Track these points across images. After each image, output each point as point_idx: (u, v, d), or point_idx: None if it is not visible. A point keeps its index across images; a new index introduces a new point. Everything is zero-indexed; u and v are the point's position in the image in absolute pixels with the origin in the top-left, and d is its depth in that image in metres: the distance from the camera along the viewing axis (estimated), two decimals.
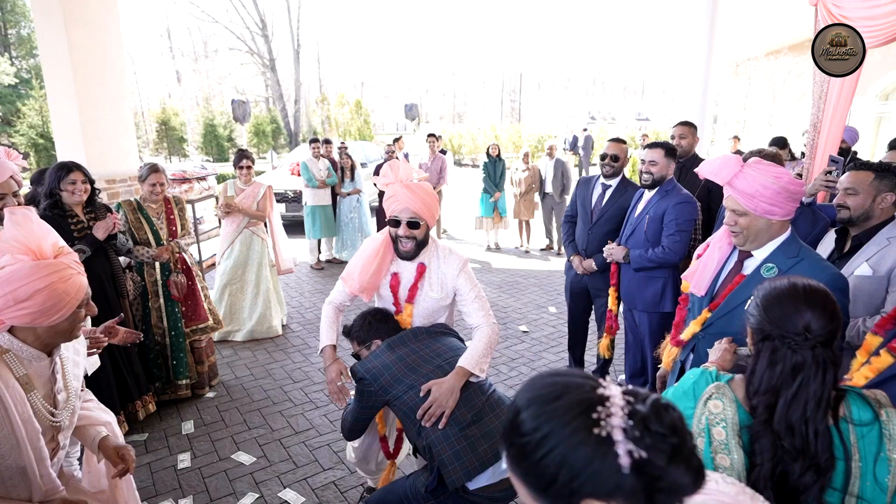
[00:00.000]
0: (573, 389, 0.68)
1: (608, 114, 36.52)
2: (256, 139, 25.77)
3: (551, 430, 0.65)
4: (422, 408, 1.81)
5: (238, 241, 4.65)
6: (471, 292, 2.15)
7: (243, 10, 30.23)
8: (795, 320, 1.13)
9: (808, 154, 3.32)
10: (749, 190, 1.72)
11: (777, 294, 1.18)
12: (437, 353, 1.99)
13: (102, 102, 5.34)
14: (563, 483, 0.64)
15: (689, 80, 6.88)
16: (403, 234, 2.06)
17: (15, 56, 22.53)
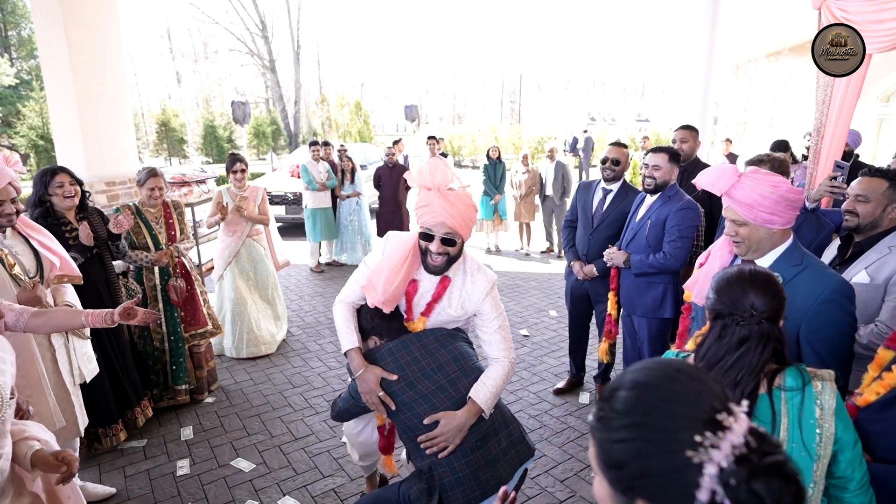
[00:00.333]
0: (692, 401, 0.62)
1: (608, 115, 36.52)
2: (256, 140, 25.76)
3: (643, 425, 0.62)
4: (426, 436, 1.75)
5: (244, 253, 4.39)
6: (495, 321, 1.97)
7: (243, 11, 30.23)
8: (743, 300, 1.27)
9: (812, 158, 3.29)
10: (747, 200, 1.70)
11: (727, 279, 1.32)
12: (441, 365, 1.88)
13: (102, 103, 5.31)
14: (629, 474, 0.62)
15: (689, 81, 6.86)
16: (436, 250, 1.85)
17: (15, 57, 22.51)
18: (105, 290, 3.03)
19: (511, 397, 3.68)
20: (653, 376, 0.66)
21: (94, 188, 5.04)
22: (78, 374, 2.58)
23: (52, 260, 2.41)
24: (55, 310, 2.01)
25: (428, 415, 1.79)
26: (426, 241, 1.87)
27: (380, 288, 1.89)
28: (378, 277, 1.91)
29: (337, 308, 2.07)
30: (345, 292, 2.09)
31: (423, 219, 1.87)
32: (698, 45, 6.62)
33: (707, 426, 0.59)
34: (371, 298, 1.92)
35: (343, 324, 2.01)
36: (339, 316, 2.05)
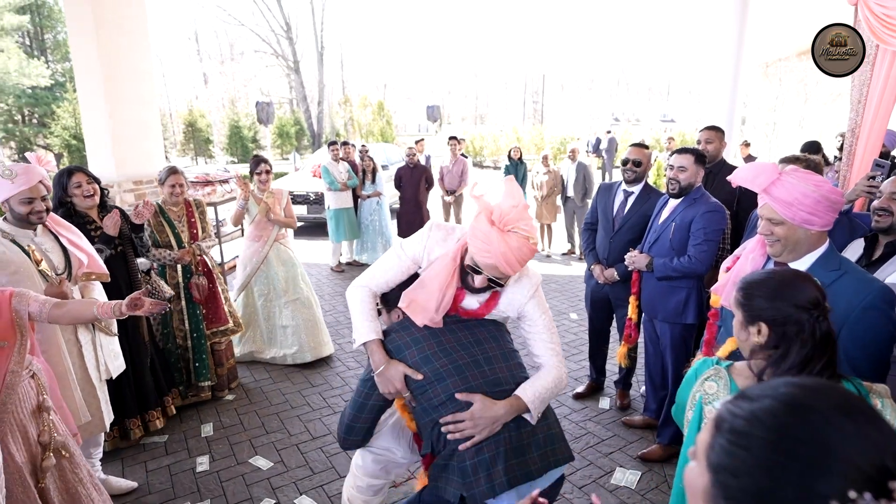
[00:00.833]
0: (859, 446, 0.53)
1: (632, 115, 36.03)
2: (280, 141, 26.12)
3: (785, 450, 0.54)
4: (453, 416, 1.56)
5: (272, 258, 4.16)
6: (540, 319, 1.82)
7: (269, 13, 30.69)
8: (807, 297, 1.19)
9: (846, 160, 3.18)
10: (787, 198, 1.63)
11: (777, 281, 1.24)
12: (479, 341, 1.71)
13: (130, 105, 5.44)
14: (741, 487, 0.56)
15: (716, 80, 6.70)
16: (479, 285, 1.67)
17: (51, 60, 23.26)
18: (127, 288, 3.08)
19: None
20: (818, 400, 0.58)
21: (122, 187, 5.17)
22: (104, 370, 2.64)
23: (80, 257, 2.46)
24: (72, 301, 2.06)
25: (459, 389, 1.59)
26: (472, 271, 1.66)
27: (433, 310, 1.67)
28: (428, 301, 1.67)
29: (355, 292, 1.79)
30: (368, 277, 1.82)
31: (476, 253, 1.61)
32: (726, 43, 6.46)
33: (868, 484, 0.51)
34: (419, 320, 1.69)
35: (361, 310, 1.75)
36: (357, 300, 1.77)
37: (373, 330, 1.72)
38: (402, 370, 1.64)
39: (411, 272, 1.82)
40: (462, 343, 1.69)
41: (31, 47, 23.31)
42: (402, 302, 1.71)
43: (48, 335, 2.32)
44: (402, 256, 1.79)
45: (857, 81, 3.03)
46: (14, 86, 19.56)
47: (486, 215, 1.61)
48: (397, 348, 1.67)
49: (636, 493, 2.71)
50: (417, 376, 1.63)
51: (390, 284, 1.80)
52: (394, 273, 1.80)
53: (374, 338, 1.71)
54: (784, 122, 12.73)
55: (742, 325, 1.30)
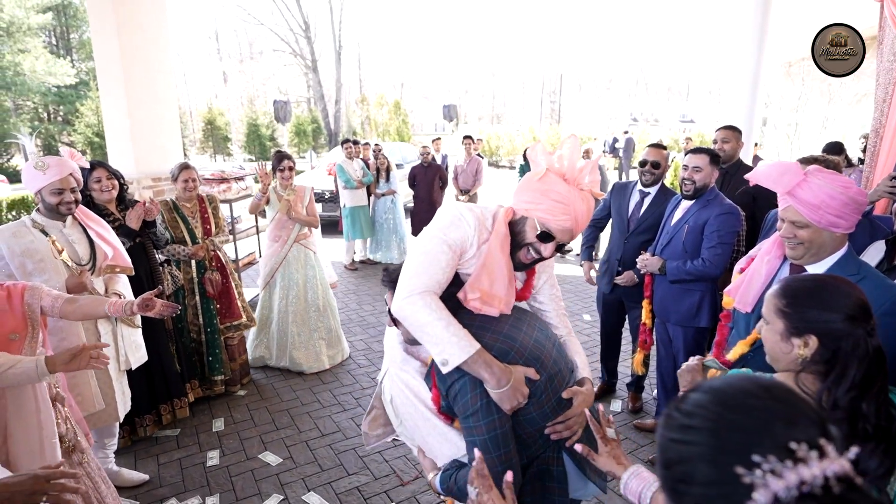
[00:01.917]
0: (767, 420, 0.56)
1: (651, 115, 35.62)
2: (297, 139, 26.35)
3: (700, 429, 0.58)
4: (563, 416, 1.41)
5: (291, 259, 4.05)
6: (554, 288, 1.70)
7: (287, 12, 31.02)
8: (859, 309, 1.11)
9: (869, 160, 3.10)
10: (814, 200, 1.56)
11: (830, 291, 1.14)
12: (535, 323, 1.54)
13: (150, 104, 5.53)
14: (673, 476, 0.60)
15: (737, 80, 6.57)
16: (548, 254, 1.48)
17: (76, 59, 23.78)
18: (148, 279, 3.15)
19: None
20: (733, 386, 0.61)
21: (140, 184, 5.25)
22: (124, 361, 2.69)
23: (105, 250, 2.53)
24: (84, 298, 2.09)
25: (563, 385, 1.45)
26: (541, 240, 1.45)
27: (503, 291, 1.45)
28: (496, 283, 1.45)
29: (422, 301, 1.36)
30: (421, 281, 1.40)
31: (551, 218, 1.41)
32: (747, 42, 6.34)
33: (775, 451, 0.53)
34: (495, 309, 1.45)
35: (445, 319, 1.35)
36: (433, 309, 1.35)
37: (472, 338, 1.34)
38: (521, 373, 1.35)
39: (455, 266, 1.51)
40: (530, 323, 1.49)
41: (57, 46, 23.87)
42: (471, 294, 1.43)
43: (69, 323, 2.38)
44: (449, 250, 1.45)
45: (883, 80, 2.95)
46: (40, 84, 20.04)
47: (557, 174, 1.44)
48: (501, 352, 1.37)
49: None
50: (535, 377, 1.37)
51: (443, 285, 1.44)
52: (447, 270, 1.45)
53: (478, 347, 1.33)
54: (807, 122, 12.46)
55: (783, 337, 1.19)
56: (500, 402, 1.31)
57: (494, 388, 1.30)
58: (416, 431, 1.55)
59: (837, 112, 11.28)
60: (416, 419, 1.52)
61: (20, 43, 19.29)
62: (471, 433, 1.32)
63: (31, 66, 19.45)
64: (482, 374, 1.30)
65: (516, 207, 1.51)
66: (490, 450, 1.30)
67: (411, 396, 1.53)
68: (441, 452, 1.49)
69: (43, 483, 1.18)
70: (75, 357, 1.69)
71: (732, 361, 1.88)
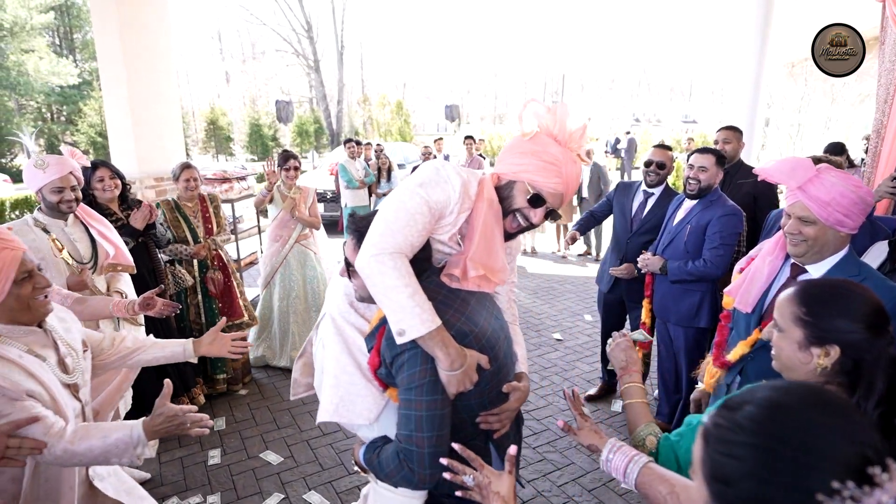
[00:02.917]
0: (838, 440, 0.54)
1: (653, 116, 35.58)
2: (299, 139, 26.39)
3: (770, 449, 0.55)
4: (498, 409, 1.38)
5: (292, 260, 4.05)
6: (512, 272, 1.64)
7: (290, 12, 31.08)
8: (880, 318, 1.08)
9: (871, 161, 3.09)
10: (825, 197, 1.55)
11: (853, 299, 1.10)
12: (493, 308, 1.48)
13: (153, 104, 5.55)
14: (737, 494, 0.57)
15: (740, 80, 6.57)
16: (537, 220, 1.41)
17: (79, 59, 23.85)
18: (150, 278, 3.16)
19: (541, 402, 3.61)
20: (795, 400, 0.58)
21: (143, 184, 5.26)
22: None
23: (107, 249, 2.54)
24: (93, 298, 2.11)
25: (507, 378, 1.41)
26: (531, 204, 1.38)
27: (500, 263, 1.39)
28: (492, 253, 1.37)
29: (389, 262, 1.24)
30: (390, 239, 1.27)
31: (539, 178, 1.35)
32: (750, 42, 6.34)
33: (850, 475, 0.52)
34: (491, 285, 1.39)
35: (413, 286, 1.24)
36: (403, 273, 1.24)
37: (434, 313, 1.24)
38: (475, 360, 1.28)
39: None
40: (490, 312, 1.42)
41: (60, 46, 23.93)
42: (473, 271, 1.35)
43: None
44: (429, 212, 1.32)
45: (884, 80, 2.95)
46: (44, 84, 20.10)
47: (548, 134, 1.37)
48: (461, 333, 1.29)
49: None
50: (487, 366, 1.31)
51: (416, 249, 1.32)
52: (423, 234, 1.32)
53: (440, 324, 1.23)
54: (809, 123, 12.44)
55: (802, 346, 1.14)
56: (448, 384, 1.24)
57: (445, 370, 1.23)
58: (336, 384, 1.42)
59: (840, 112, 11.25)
60: (339, 372, 1.42)
61: (24, 43, 19.35)
62: (409, 406, 1.25)
63: (35, 66, 19.51)
64: (436, 353, 1.22)
65: (503, 171, 1.42)
66: (424, 428, 1.23)
67: (343, 348, 1.44)
68: (356, 410, 1.40)
69: None
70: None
71: (733, 362, 1.89)
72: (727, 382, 1.93)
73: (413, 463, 1.23)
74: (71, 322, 1.70)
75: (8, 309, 1.41)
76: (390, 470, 1.27)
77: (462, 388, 1.26)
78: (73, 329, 1.68)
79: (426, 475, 1.23)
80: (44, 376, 1.42)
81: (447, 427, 1.26)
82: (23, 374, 1.37)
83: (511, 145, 1.43)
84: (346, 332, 1.45)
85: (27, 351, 1.44)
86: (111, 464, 1.42)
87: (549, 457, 3.02)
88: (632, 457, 1.16)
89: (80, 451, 1.36)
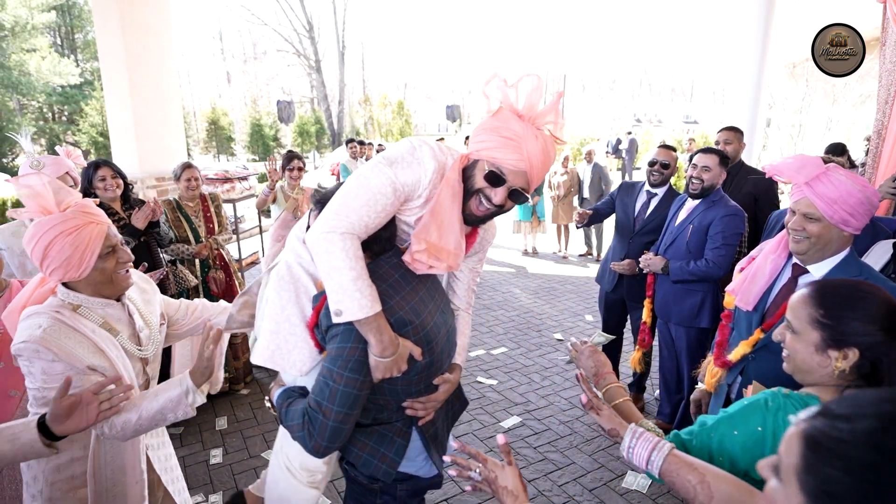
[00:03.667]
0: None
1: (654, 116, 35.57)
2: (300, 139, 26.42)
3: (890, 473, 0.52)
4: (426, 399, 1.39)
5: None
6: (479, 262, 1.62)
7: (291, 12, 31.12)
8: (893, 313, 1.07)
9: (871, 161, 3.10)
10: (832, 194, 1.56)
11: (873, 301, 1.08)
12: (440, 299, 1.47)
13: (154, 104, 5.56)
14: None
15: (741, 81, 6.58)
16: (499, 201, 1.32)
17: (80, 59, 23.87)
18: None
19: (542, 402, 3.61)
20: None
21: (145, 184, 5.28)
22: None
23: None
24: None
25: (439, 370, 1.42)
26: (490, 183, 1.31)
27: (454, 246, 1.33)
28: (447, 235, 1.32)
29: (338, 242, 1.22)
30: (345, 217, 1.24)
31: (499, 154, 1.28)
32: (751, 43, 6.35)
33: None
34: (443, 266, 1.34)
35: (359, 269, 1.22)
36: (350, 255, 1.22)
37: (376, 298, 1.23)
38: (407, 350, 1.28)
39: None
40: (437, 305, 1.41)
41: (61, 46, 23.96)
42: (416, 246, 1.31)
43: None
44: (393, 194, 1.27)
45: (885, 81, 2.95)
46: (45, 84, 20.13)
47: (511, 109, 1.30)
48: (400, 322, 1.28)
49: (647, 497, 2.68)
50: (419, 358, 1.31)
51: (371, 230, 1.28)
52: (381, 216, 1.28)
53: (378, 311, 1.22)
54: (810, 124, 12.44)
55: (818, 348, 1.12)
56: (374, 369, 1.24)
57: (376, 355, 1.23)
58: (276, 331, 1.41)
59: (841, 113, 11.25)
60: (282, 319, 1.41)
61: (26, 42, 19.38)
62: (329, 376, 1.24)
63: (37, 66, 19.54)
64: (370, 337, 1.22)
65: (469, 151, 1.37)
66: (336, 402, 1.23)
67: (292, 297, 1.42)
68: (290, 359, 1.40)
69: None
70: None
71: (735, 362, 1.89)
72: (728, 382, 1.93)
73: (314, 429, 1.24)
74: (152, 293, 1.73)
75: (92, 282, 1.47)
76: (293, 424, 1.29)
77: (388, 375, 1.26)
78: (153, 300, 1.71)
79: (322, 446, 1.24)
80: (112, 352, 1.46)
81: (358, 408, 1.26)
82: (90, 349, 1.42)
83: (478, 124, 1.36)
84: (301, 279, 1.43)
85: (102, 325, 1.48)
86: (167, 421, 1.45)
87: (549, 456, 3.03)
88: (655, 444, 1.13)
89: (138, 416, 1.41)
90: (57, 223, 1.37)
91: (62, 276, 1.41)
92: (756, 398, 1.18)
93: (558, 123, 1.32)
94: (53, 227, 1.36)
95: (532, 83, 1.28)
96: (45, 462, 1.48)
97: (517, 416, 3.43)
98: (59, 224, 1.37)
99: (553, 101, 1.30)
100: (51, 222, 1.37)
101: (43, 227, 1.37)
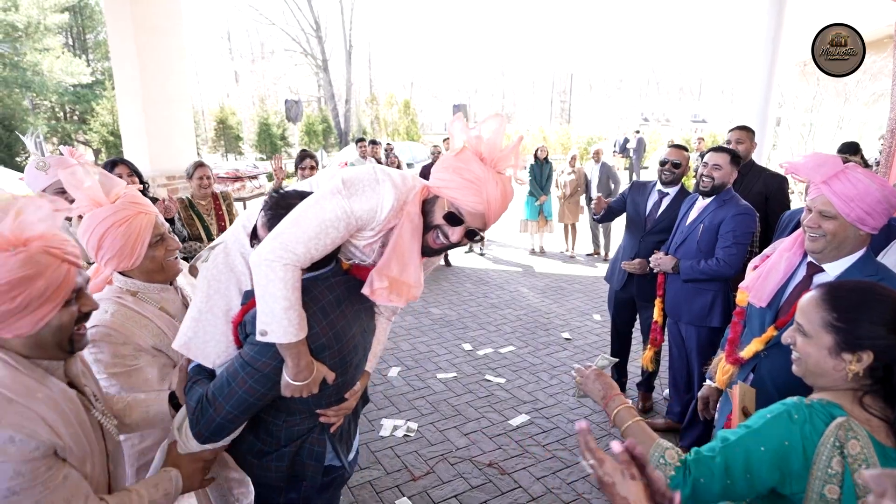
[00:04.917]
0: None
1: (662, 115, 35.39)
2: (308, 138, 26.50)
3: None
4: (339, 407, 1.43)
5: None
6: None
7: (299, 12, 31.19)
8: None
9: (885, 160, 3.07)
10: (850, 192, 1.55)
11: (887, 303, 1.07)
12: (368, 324, 1.52)
13: (165, 103, 5.61)
14: None
15: (751, 80, 6.54)
16: (456, 239, 1.35)
17: (92, 59, 24.08)
18: None
19: (550, 401, 3.62)
20: None
21: (155, 182, 5.33)
22: None
23: None
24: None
25: (351, 386, 1.47)
26: (448, 222, 1.33)
27: (414, 280, 1.36)
28: (408, 270, 1.34)
29: (279, 272, 1.21)
30: (292, 248, 1.22)
31: (459, 195, 1.30)
32: (761, 41, 6.31)
33: None
34: (403, 300, 1.36)
35: (293, 299, 1.22)
36: (289, 286, 1.22)
37: (303, 326, 1.25)
38: (321, 375, 1.32)
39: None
40: (362, 326, 1.45)
41: (73, 46, 24.20)
42: (378, 283, 1.33)
43: None
44: (345, 228, 1.28)
45: None
46: (57, 83, 20.33)
47: (474, 152, 1.31)
48: (320, 346, 1.31)
49: None
50: (331, 382, 1.35)
51: (315, 259, 1.28)
52: (329, 247, 1.28)
53: (301, 339, 1.24)
54: (821, 123, 12.33)
55: (832, 352, 1.11)
56: (284, 388, 1.28)
57: (289, 377, 1.26)
58: (198, 319, 1.40)
59: (853, 112, 11.13)
60: (206, 309, 1.40)
61: (38, 43, 19.57)
62: (234, 377, 1.27)
63: (50, 66, 19.73)
64: (287, 360, 1.25)
65: (431, 185, 1.38)
66: (231, 403, 1.26)
67: (220, 287, 1.42)
68: (205, 351, 1.40)
69: None
70: None
71: (747, 359, 1.88)
72: (740, 380, 1.92)
73: (202, 418, 1.28)
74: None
75: (144, 270, 1.54)
76: (190, 405, 1.33)
77: (296, 395, 1.29)
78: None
79: (203, 436, 1.29)
80: (172, 334, 1.52)
81: (248, 415, 1.31)
82: (153, 331, 1.50)
83: (441, 160, 1.38)
84: (236, 267, 1.43)
85: (160, 308, 1.56)
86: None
87: (558, 454, 3.03)
88: None
89: None
90: (108, 215, 1.44)
91: (117, 266, 1.49)
92: (779, 410, 1.15)
93: (518, 166, 1.35)
94: (106, 219, 1.43)
95: (495, 124, 1.31)
96: (130, 447, 1.56)
97: (525, 415, 3.44)
98: (110, 216, 1.44)
99: (513, 144, 1.32)
100: (102, 213, 1.43)
101: (96, 218, 1.43)
